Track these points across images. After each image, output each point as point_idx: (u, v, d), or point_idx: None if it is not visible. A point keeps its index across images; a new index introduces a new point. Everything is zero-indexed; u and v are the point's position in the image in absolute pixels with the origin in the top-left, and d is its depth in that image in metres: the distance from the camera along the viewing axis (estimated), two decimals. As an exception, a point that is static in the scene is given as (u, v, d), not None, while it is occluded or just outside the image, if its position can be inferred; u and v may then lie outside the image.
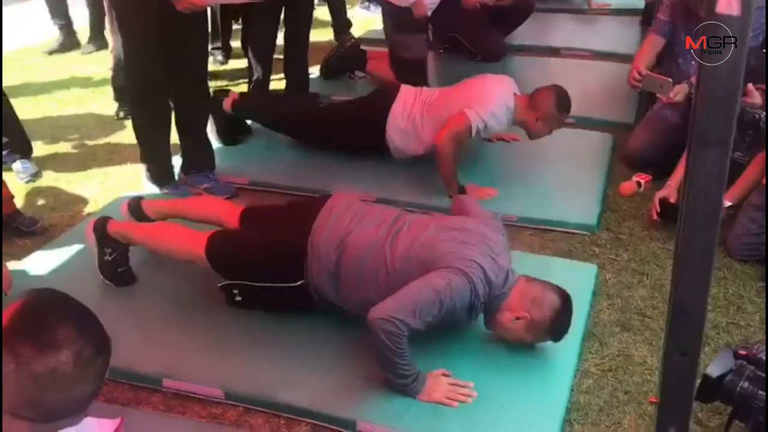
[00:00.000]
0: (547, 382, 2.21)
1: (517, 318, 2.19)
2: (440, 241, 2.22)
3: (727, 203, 2.84)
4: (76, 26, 5.53)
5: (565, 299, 2.21)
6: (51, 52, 5.43)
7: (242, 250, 2.43)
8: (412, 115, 3.33)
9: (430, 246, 2.20)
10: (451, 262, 2.13)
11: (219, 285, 2.46)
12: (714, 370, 1.53)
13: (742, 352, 1.55)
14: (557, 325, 2.21)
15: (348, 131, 3.47)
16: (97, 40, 5.36)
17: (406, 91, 3.43)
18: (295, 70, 4.20)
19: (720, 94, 0.72)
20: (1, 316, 1.07)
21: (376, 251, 2.25)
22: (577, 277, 2.69)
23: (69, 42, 5.50)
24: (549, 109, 3.22)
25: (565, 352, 2.31)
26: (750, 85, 2.78)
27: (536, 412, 2.10)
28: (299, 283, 2.32)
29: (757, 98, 2.80)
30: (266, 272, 2.38)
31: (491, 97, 3.21)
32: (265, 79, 4.16)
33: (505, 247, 2.35)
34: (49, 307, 1.12)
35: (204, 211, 2.72)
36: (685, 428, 0.88)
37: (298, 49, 4.17)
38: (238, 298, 2.45)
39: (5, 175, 3.16)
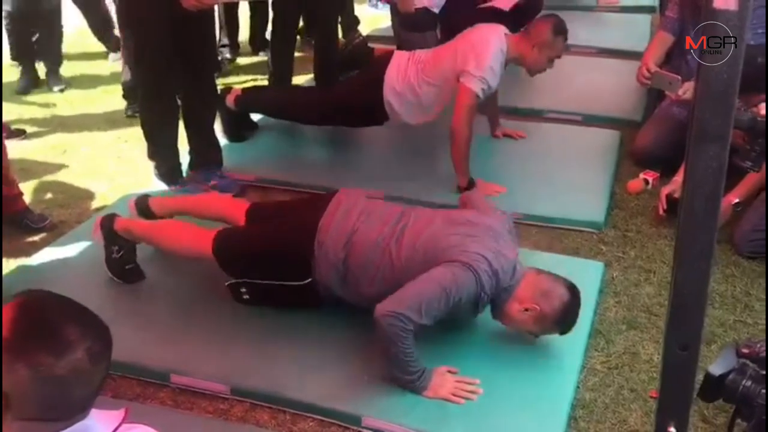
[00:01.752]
0: (553, 380, 2.21)
1: (526, 309, 2.19)
2: (445, 235, 2.22)
3: (735, 200, 2.83)
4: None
5: (575, 292, 2.21)
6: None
7: (249, 249, 2.44)
8: (407, 77, 3.30)
9: (435, 240, 2.21)
10: (456, 255, 2.13)
11: (227, 283, 2.47)
12: (716, 368, 1.52)
13: (745, 350, 1.54)
14: (566, 317, 2.20)
15: (348, 102, 3.47)
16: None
17: (399, 55, 3.41)
18: (324, 67, 4.21)
19: (719, 88, 0.72)
20: (2, 320, 1.07)
21: (382, 249, 2.25)
22: (584, 275, 2.68)
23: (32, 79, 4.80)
24: (544, 36, 3.18)
25: (571, 349, 2.31)
26: (762, 105, 2.77)
27: (542, 409, 2.10)
28: (307, 281, 2.33)
29: None
30: (274, 270, 2.39)
31: (485, 49, 3.15)
32: (287, 78, 4.17)
33: (511, 239, 2.35)
34: (48, 310, 1.12)
35: (210, 208, 2.73)
36: (685, 423, 0.88)
37: (326, 47, 4.18)
38: (246, 296, 2.46)
39: (16, 173, 3.17)
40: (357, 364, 2.24)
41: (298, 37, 4.39)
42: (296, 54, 4.25)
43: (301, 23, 4.51)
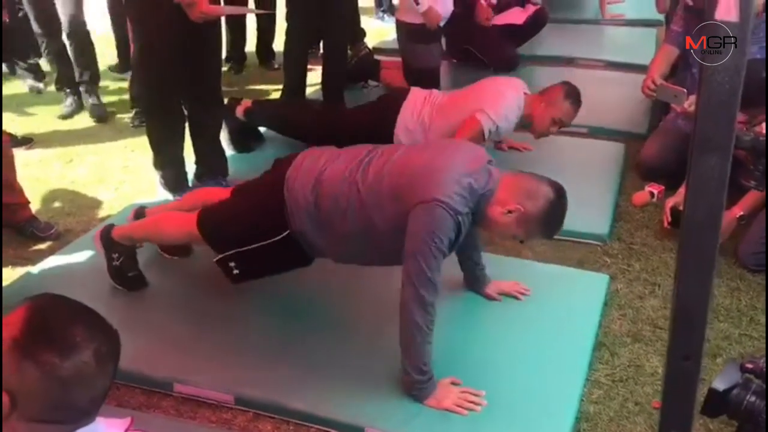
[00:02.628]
0: (557, 392, 2.20)
1: (510, 211, 2.10)
2: (409, 161, 2.18)
3: (740, 213, 2.83)
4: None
5: (560, 192, 2.13)
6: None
7: (226, 215, 2.46)
8: (421, 117, 3.34)
9: (400, 168, 2.17)
10: (427, 193, 2.04)
11: (214, 260, 2.44)
12: (720, 384, 1.51)
13: (749, 365, 1.53)
14: (551, 218, 2.13)
15: (357, 133, 3.48)
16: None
17: (416, 93, 3.45)
18: (331, 79, 4.24)
19: (721, 98, 0.72)
20: (1, 321, 1.08)
21: (349, 182, 2.22)
22: (589, 288, 2.69)
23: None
24: (555, 98, 3.24)
25: (576, 361, 2.31)
26: (764, 125, 2.78)
27: (545, 421, 2.09)
28: (285, 233, 2.31)
29: None
30: (252, 231, 2.36)
31: (503, 100, 3.22)
32: (300, 90, 4.19)
33: (474, 146, 2.34)
34: (56, 312, 1.13)
35: (200, 198, 2.75)
36: (688, 433, 0.88)
37: (335, 60, 4.21)
38: (236, 271, 2.43)
39: (23, 182, 3.19)
40: (361, 373, 2.24)
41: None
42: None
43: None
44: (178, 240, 2.64)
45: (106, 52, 5.07)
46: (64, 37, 4.29)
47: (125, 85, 4.66)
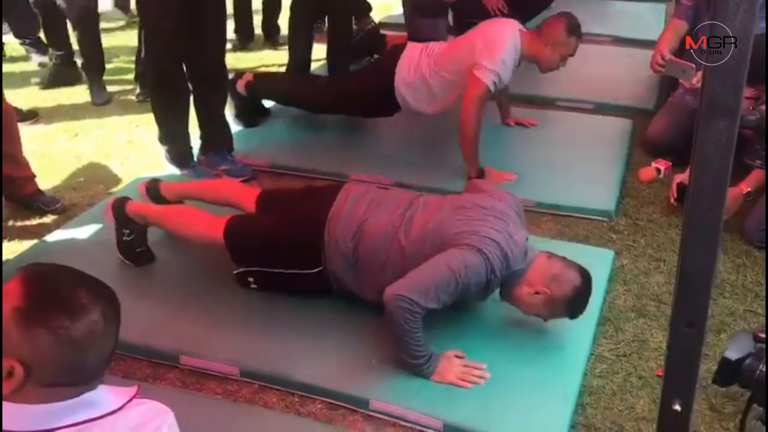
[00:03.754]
0: (561, 366, 2.21)
1: (537, 293, 2.18)
2: (454, 220, 2.22)
3: (747, 189, 2.81)
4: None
5: (586, 278, 2.20)
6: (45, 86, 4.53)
7: (260, 237, 2.44)
8: (419, 68, 3.30)
9: (444, 226, 2.21)
10: (466, 239, 2.12)
11: (234, 272, 2.47)
12: (733, 353, 1.51)
13: (762, 335, 1.53)
14: (576, 302, 2.20)
15: (359, 92, 3.47)
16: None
17: (412, 47, 3.40)
18: (336, 54, 4.21)
19: (729, 62, 0.71)
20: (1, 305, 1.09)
21: (391, 237, 2.25)
22: (594, 263, 2.65)
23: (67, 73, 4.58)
24: (558, 35, 3.17)
25: (580, 336, 2.31)
26: None
27: (549, 394, 2.10)
28: (317, 270, 2.34)
29: None
30: (284, 259, 2.39)
31: (499, 43, 3.13)
32: (305, 65, 4.17)
33: (520, 221, 2.34)
34: (57, 278, 1.14)
35: (220, 194, 2.73)
36: (690, 401, 0.88)
37: (340, 35, 4.19)
38: (254, 286, 2.48)
39: (28, 156, 3.20)
40: (366, 347, 2.25)
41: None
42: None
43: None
44: (197, 240, 2.57)
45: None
46: (69, 27, 4.28)
47: (129, 59, 4.64)
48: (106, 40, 4.75)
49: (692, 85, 3.30)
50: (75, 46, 4.37)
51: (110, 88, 4.47)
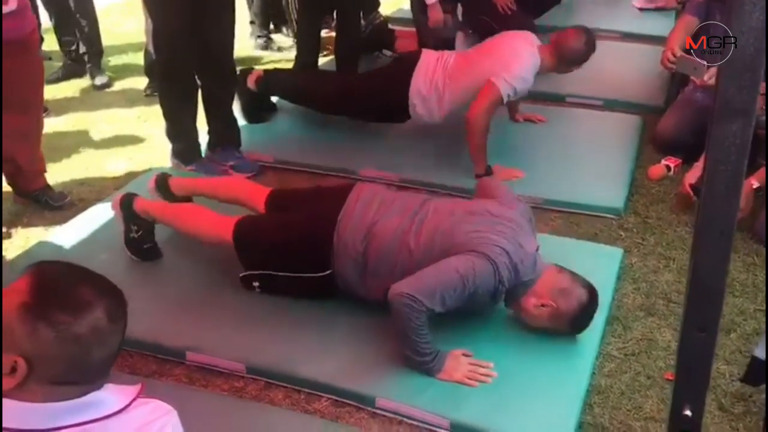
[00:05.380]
0: (569, 365, 2.20)
1: (543, 305, 2.18)
2: (464, 226, 2.20)
3: (756, 184, 2.79)
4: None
5: (593, 295, 2.20)
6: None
7: (269, 238, 2.43)
8: (434, 81, 3.29)
9: (454, 232, 2.19)
10: (475, 246, 2.11)
11: (240, 275, 2.46)
12: (762, 352, 1.49)
13: None
14: (580, 318, 2.21)
15: (371, 98, 3.45)
16: None
17: (427, 56, 3.38)
18: (345, 48, 4.20)
19: (744, 61, 0.70)
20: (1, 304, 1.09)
21: (400, 241, 2.24)
22: (602, 261, 2.66)
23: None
24: (574, 51, 3.21)
25: (588, 335, 2.29)
26: None
27: (557, 393, 2.09)
28: (327, 272, 2.33)
29: None
30: (293, 261, 2.38)
31: (518, 60, 3.15)
32: (312, 59, 4.16)
33: (530, 229, 2.33)
34: (63, 275, 1.15)
35: (230, 192, 2.72)
36: (701, 406, 0.87)
37: (348, 30, 4.17)
38: (258, 290, 2.46)
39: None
40: (372, 345, 2.24)
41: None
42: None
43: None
44: (205, 240, 2.56)
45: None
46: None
47: (137, 54, 4.64)
48: (114, 36, 4.76)
49: (703, 82, 3.27)
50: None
51: (119, 84, 4.48)
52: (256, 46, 5.05)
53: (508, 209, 2.31)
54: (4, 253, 2.82)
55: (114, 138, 3.80)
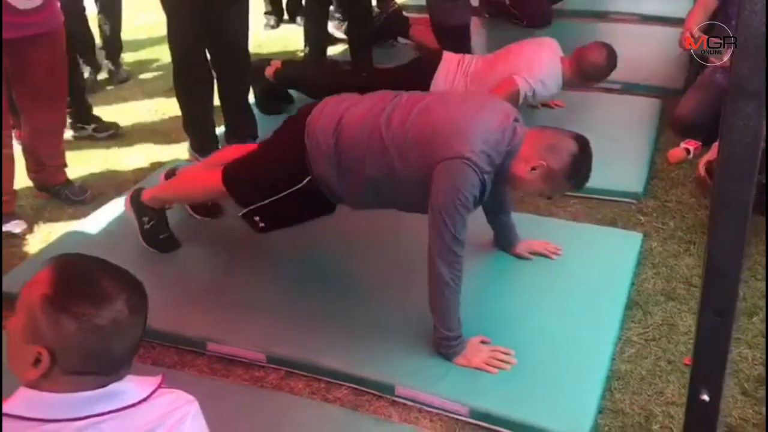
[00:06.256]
0: (589, 351, 2.19)
1: (533, 168, 2.10)
2: (437, 115, 2.15)
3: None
4: None
5: (583, 143, 2.13)
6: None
7: (249, 167, 2.45)
8: (454, 86, 3.29)
9: (427, 118, 2.14)
10: (452, 150, 2.03)
11: (239, 215, 2.46)
12: None
13: None
14: (577, 170, 2.13)
15: None
16: None
17: (448, 59, 3.38)
18: (358, 39, 4.19)
19: (758, 42, 0.69)
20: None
21: (370, 126, 2.20)
22: (622, 246, 2.65)
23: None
24: (596, 68, 3.24)
25: (608, 320, 2.29)
26: None
27: (576, 379, 2.08)
28: (306, 180, 2.30)
29: None
30: (274, 180, 2.36)
31: (540, 65, 3.19)
32: (321, 47, 4.15)
33: (502, 103, 2.30)
34: (84, 267, 1.17)
35: (230, 157, 2.73)
36: (719, 391, 0.86)
37: (359, 18, 4.16)
38: (262, 224, 2.45)
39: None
40: (391, 333, 2.25)
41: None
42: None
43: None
44: (206, 197, 2.64)
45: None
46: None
47: (155, 48, 4.67)
48: (133, 30, 4.78)
49: (723, 63, 3.23)
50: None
51: (135, 77, 4.50)
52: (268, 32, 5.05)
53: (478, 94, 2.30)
54: (27, 248, 2.85)
55: (132, 132, 3.83)
